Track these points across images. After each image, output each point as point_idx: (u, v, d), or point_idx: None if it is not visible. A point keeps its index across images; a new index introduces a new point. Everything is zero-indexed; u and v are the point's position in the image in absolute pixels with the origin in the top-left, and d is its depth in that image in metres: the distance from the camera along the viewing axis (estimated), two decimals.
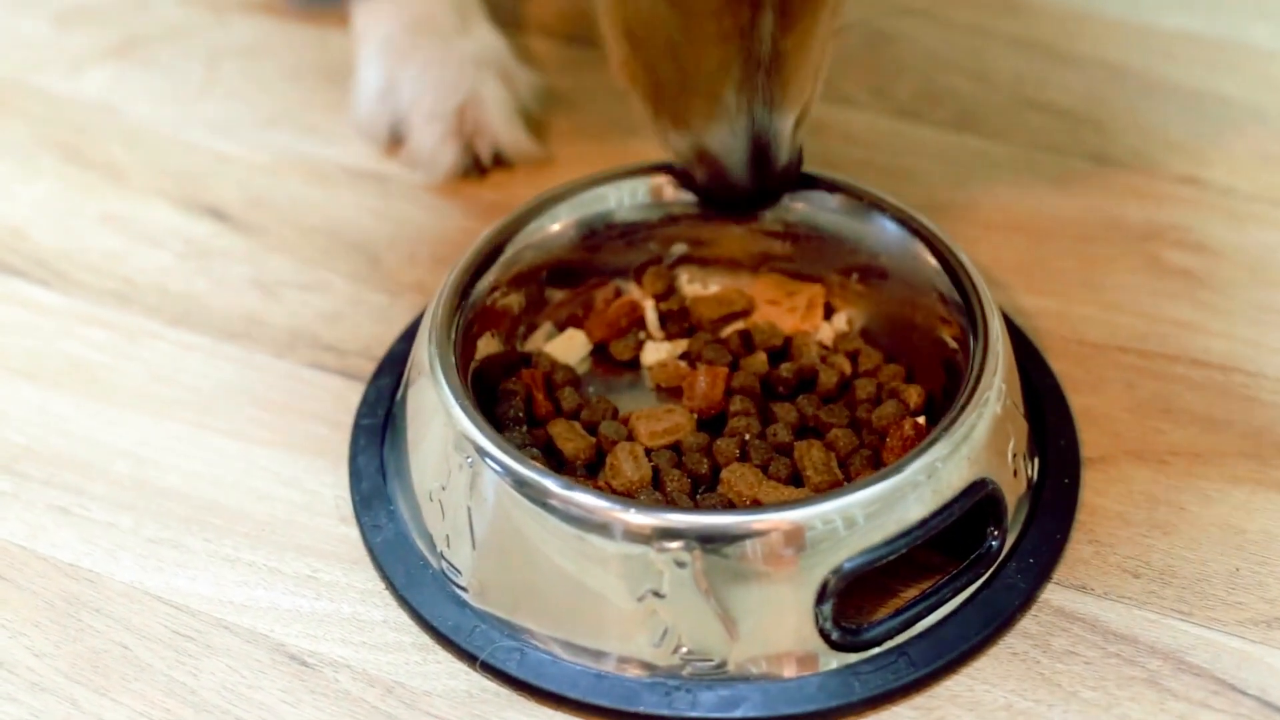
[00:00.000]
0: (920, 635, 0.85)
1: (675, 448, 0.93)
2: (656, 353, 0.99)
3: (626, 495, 0.89)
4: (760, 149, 0.95)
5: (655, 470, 0.91)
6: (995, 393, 0.87)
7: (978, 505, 0.85)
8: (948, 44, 1.25)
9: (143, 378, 1.02)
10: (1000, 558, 0.88)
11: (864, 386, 0.95)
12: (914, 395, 0.94)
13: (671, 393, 0.98)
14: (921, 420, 0.92)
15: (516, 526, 0.84)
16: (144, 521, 0.94)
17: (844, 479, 0.90)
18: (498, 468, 0.85)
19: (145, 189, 1.15)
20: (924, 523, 0.83)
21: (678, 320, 1.01)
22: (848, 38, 0.96)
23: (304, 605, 0.90)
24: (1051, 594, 0.88)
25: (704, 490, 0.91)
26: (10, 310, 1.07)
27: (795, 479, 0.91)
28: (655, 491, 0.90)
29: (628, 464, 0.91)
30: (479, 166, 1.15)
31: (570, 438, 0.93)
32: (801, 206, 1.00)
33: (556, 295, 1.01)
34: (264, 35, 1.28)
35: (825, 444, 0.92)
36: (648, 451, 0.92)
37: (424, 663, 0.87)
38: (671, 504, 0.89)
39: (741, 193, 0.97)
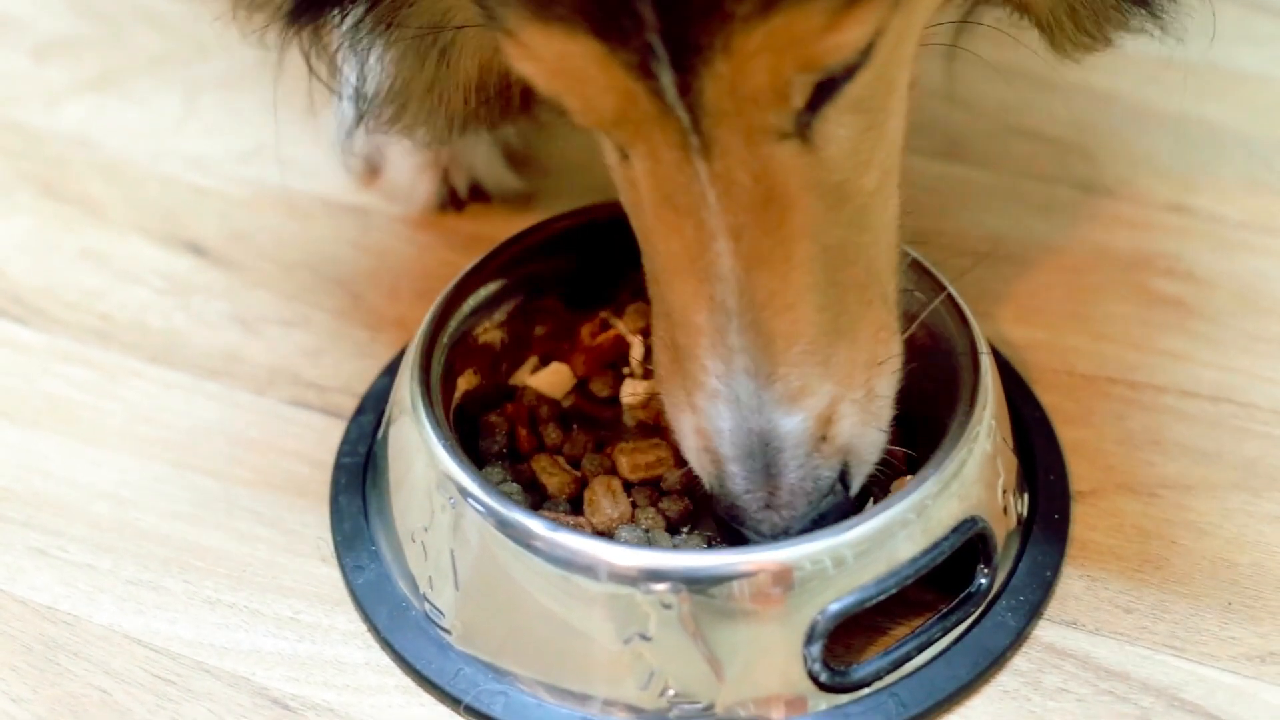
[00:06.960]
0: (910, 675, 0.84)
1: (656, 482, 0.92)
2: (635, 390, 0.98)
3: (605, 532, 0.89)
4: (757, 448, 0.79)
5: (633, 506, 0.90)
6: (985, 429, 0.86)
7: (968, 543, 0.84)
8: (933, 72, 1.24)
9: (123, 417, 1.01)
10: (990, 595, 0.87)
11: None
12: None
13: (652, 429, 0.96)
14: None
15: (501, 568, 0.83)
16: (123, 563, 0.93)
17: None
18: (481, 508, 0.84)
19: (123, 224, 1.14)
20: (913, 561, 0.82)
21: None
22: None
23: (286, 648, 0.89)
24: (1043, 631, 0.87)
25: (689, 529, 0.90)
26: None
27: None
28: (636, 527, 0.89)
29: (605, 500, 0.90)
30: (455, 200, 1.14)
31: (554, 473, 0.93)
32: None
33: (540, 329, 0.99)
34: (242, 68, 1.27)
35: None
36: (628, 487, 0.91)
37: (407, 706, 0.86)
38: (650, 541, 0.88)
39: (737, 511, 0.81)
